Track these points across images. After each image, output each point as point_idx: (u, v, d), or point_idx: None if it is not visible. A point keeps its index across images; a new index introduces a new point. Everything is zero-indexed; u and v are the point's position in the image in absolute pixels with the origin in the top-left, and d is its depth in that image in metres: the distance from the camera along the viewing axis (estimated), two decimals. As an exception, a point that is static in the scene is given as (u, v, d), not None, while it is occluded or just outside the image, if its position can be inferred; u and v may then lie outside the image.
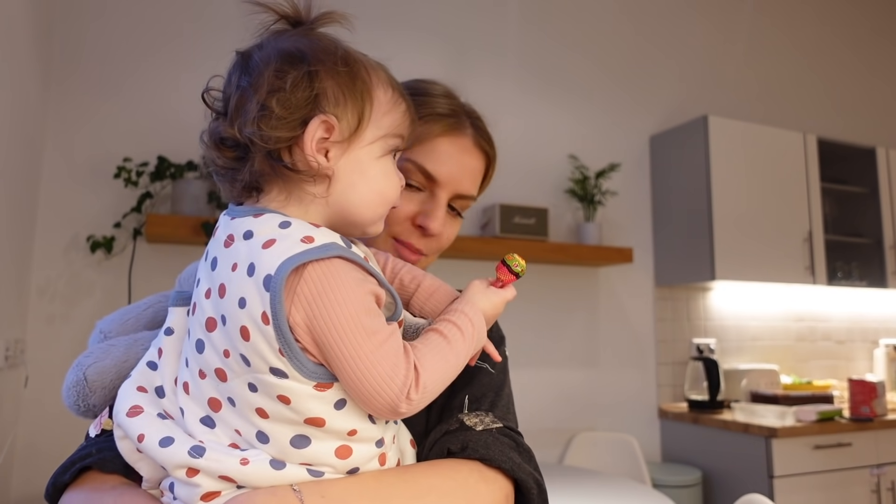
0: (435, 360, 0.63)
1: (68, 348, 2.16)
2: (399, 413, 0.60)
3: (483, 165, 0.93)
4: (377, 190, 0.68)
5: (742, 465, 2.68)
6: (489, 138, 0.94)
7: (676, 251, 3.15)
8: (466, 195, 0.90)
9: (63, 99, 2.24)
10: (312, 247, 0.60)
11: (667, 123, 3.35)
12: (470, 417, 0.76)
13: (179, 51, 2.39)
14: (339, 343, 0.58)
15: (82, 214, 2.21)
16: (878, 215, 3.49)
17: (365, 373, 0.59)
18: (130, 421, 0.64)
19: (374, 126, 0.68)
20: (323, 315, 0.59)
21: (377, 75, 0.70)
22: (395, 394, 0.59)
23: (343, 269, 0.60)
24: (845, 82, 4.08)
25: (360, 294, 0.60)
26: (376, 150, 0.68)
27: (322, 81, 0.65)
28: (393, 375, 0.59)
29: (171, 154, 2.26)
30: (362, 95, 0.67)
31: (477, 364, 0.81)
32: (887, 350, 3.64)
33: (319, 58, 0.66)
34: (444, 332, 0.65)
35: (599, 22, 3.29)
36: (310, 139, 0.63)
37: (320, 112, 0.64)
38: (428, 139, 0.89)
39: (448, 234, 0.91)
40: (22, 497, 2.05)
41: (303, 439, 0.60)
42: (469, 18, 2.98)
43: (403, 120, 0.71)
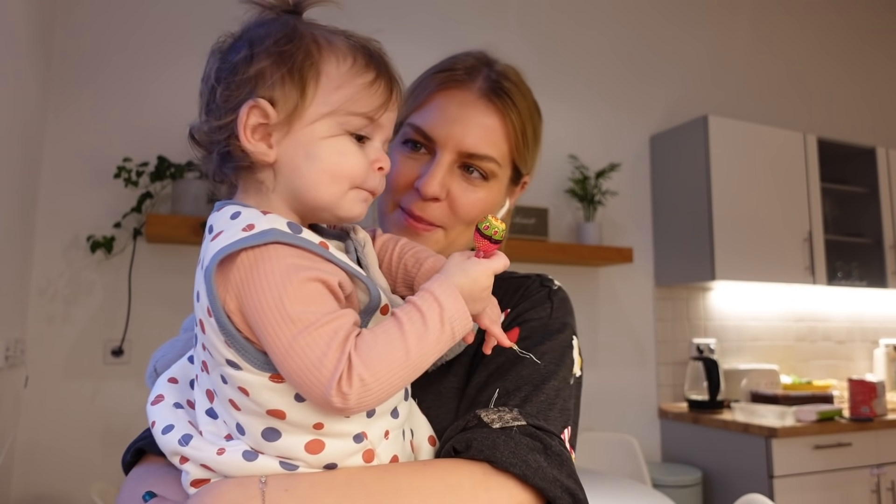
0: (380, 350, 0.56)
1: (68, 348, 2.17)
2: (335, 408, 0.55)
3: (498, 122, 0.83)
4: (325, 169, 0.62)
5: (742, 465, 2.68)
6: (507, 92, 0.84)
7: (676, 251, 3.15)
8: (476, 153, 0.82)
9: (63, 99, 2.24)
10: (248, 234, 0.59)
11: (667, 123, 3.35)
12: (489, 413, 0.68)
13: (180, 51, 2.39)
14: (263, 330, 0.57)
15: (82, 214, 2.21)
16: (878, 215, 3.49)
17: (288, 361, 0.55)
18: (151, 409, 0.68)
19: (321, 104, 0.62)
20: (248, 302, 0.58)
21: (331, 48, 0.64)
22: (322, 386, 0.54)
23: (276, 255, 0.58)
24: (845, 82, 4.08)
25: (288, 279, 0.56)
26: (322, 130, 0.62)
27: (260, 62, 0.62)
28: (319, 366, 0.54)
29: (171, 154, 2.26)
30: (303, 72, 0.62)
31: (519, 353, 0.74)
32: (887, 350, 3.64)
33: (262, 39, 0.64)
34: (400, 317, 0.58)
35: (599, 22, 3.29)
36: (242, 125, 0.62)
37: (254, 96, 0.61)
38: (425, 98, 0.85)
39: (464, 200, 0.82)
40: (22, 497, 2.05)
41: (273, 432, 0.60)
42: (469, 19, 2.98)
43: (363, 93, 0.63)
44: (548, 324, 0.78)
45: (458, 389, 0.76)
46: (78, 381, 2.17)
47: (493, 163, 0.83)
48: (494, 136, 0.83)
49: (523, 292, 0.83)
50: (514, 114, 0.84)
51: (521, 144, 0.86)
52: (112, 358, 2.21)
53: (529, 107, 0.87)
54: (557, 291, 0.84)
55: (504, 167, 0.85)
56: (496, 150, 0.83)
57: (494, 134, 0.83)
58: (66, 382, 2.16)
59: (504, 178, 0.87)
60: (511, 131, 0.84)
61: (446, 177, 0.81)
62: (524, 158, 0.88)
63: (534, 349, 0.75)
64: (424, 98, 0.85)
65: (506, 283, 0.85)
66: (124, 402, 2.21)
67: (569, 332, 0.79)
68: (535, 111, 0.89)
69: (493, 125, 0.83)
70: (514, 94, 0.84)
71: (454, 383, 0.77)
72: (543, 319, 0.79)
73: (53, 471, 2.10)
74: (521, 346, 0.75)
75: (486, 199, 0.84)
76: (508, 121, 0.84)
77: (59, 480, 2.10)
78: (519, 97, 0.85)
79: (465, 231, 0.86)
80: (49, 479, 2.09)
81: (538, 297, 0.82)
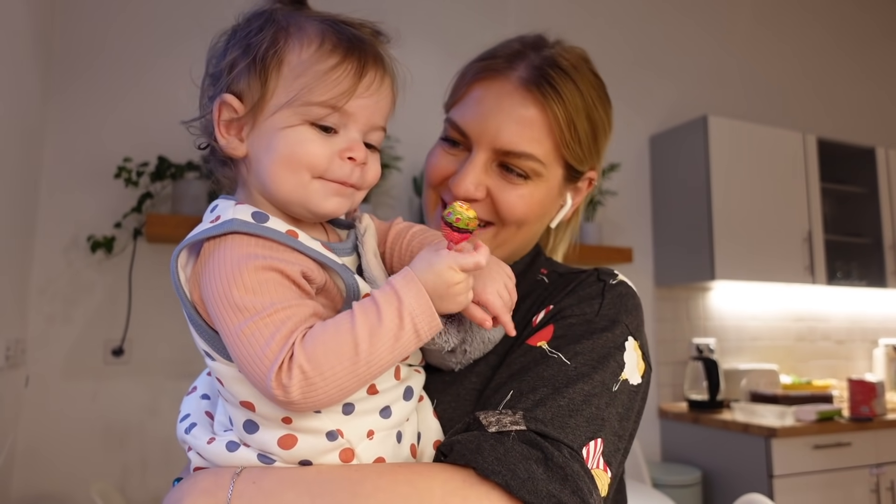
0: (325, 343, 0.53)
1: (68, 348, 2.17)
2: (279, 400, 0.53)
3: (538, 115, 0.73)
4: (279, 160, 0.59)
5: (742, 464, 2.68)
6: (550, 80, 0.73)
7: (676, 251, 3.15)
8: (513, 150, 0.73)
9: (63, 99, 2.24)
10: (211, 225, 0.59)
11: (667, 123, 3.35)
12: (489, 415, 0.62)
13: (180, 50, 2.39)
14: (215, 318, 0.57)
15: (82, 214, 2.21)
16: (878, 215, 3.49)
17: (235, 350, 0.55)
18: (183, 399, 0.72)
19: (283, 93, 0.60)
20: (203, 291, 0.58)
21: (299, 35, 0.61)
22: (263, 376, 0.53)
23: (233, 244, 0.57)
24: (845, 82, 4.08)
25: (238, 268, 0.55)
26: (282, 120, 0.59)
27: (231, 55, 0.62)
28: (261, 355, 0.53)
29: (171, 154, 2.26)
30: (265, 62, 0.60)
31: (547, 352, 0.67)
32: (887, 350, 3.64)
33: (238, 30, 0.63)
34: (354, 310, 0.55)
35: (599, 22, 3.29)
36: (215, 120, 0.62)
37: (224, 90, 0.61)
38: (463, 89, 0.78)
39: (506, 199, 0.74)
40: (22, 497, 2.05)
41: (252, 424, 0.60)
42: (468, 19, 2.98)
43: (322, 80, 0.59)
44: (592, 321, 0.70)
45: (479, 391, 0.71)
46: (78, 381, 2.17)
47: (534, 161, 0.74)
48: (534, 130, 0.73)
49: (575, 287, 0.75)
50: (557, 105, 0.73)
51: (569, 139, 0.75)
52: (112, 358, 2.21)
53: (584, 95, 0.75)
54: (616, 286, 0.75)
55: (550, 165, 0.76)
56: (537, 146, 0.73)
57: (534, 129, 0.73)
58: (66, 382, 2.16)
59: (553, 177, 0.77)
60: (555, 125, 0.74)
61: (482, 175, 0.74)
62: (577, 155, 0.77)
63: (566, 348, 0.66)
64: (463, 90, 0.79)
65: (562, 279, 0.79)
66: (124, 401, 2.21)
67: (620, 331, 0.70)
68: (595, 98, 0.77)
69: (532, 118, 0.73)
70: (560, 82, 0.74)
71: (476, 385, 0.71)
72: (588, 316, 0.70)
73: (53, 471, 2.10)
74: (553, 344, 0.67)
75: (531, 197, 0.75)
76: (550, 113, 0.73)
77: (59, 480, 2.10)
78: (567, 85, 0.74)
79: (518, 233, 0.77)
80: (49, 479, 2.09)
81: (589, 291, 0.74)
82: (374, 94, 0.62)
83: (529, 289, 0.79)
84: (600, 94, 0.79)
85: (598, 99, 0.78)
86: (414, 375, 0.68)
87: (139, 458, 2.21)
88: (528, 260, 0.84)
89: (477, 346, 0.69)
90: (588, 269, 0.80)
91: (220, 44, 0.65)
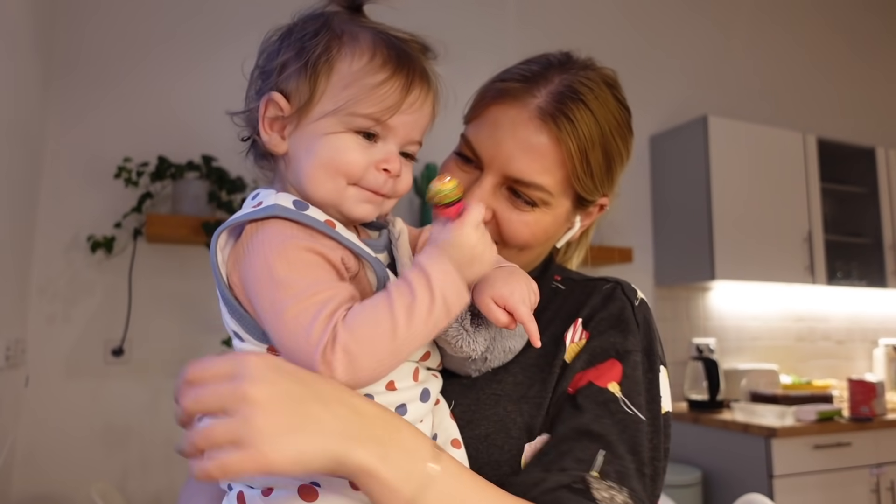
0: (367, 321, 0.55)
1: (68, 348, 2.17)
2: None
3: (552, 147, 0.72)
4: (319, 163, 0.62)
5: (742, 464, 2.68)
6: (567, 112, 0.72)
7: (676, 251, 3.15)
8: (522, 180, 0.73)
9: (63, 99, 2.24)
10: (253, 210, 0.61)
11: (667, 123, 3.35)
12: (601, 488, 0.62)
13: (180, 51, 2.39)
14: (255, 296, 0.58)
15: (82, 214, 2.21)
16: (878, 215, 3.50)
17: (278, 328, 0.56)
18: None
19: (329, 100, 0.62)
20: (243, 269, 0.60)
21: (352, 45, 0.63)
22: (308, 355, 0.54)
23: (275, 227, 0.59)
24: (845, 82, 4.08)
25: (282, 247, 0.57)
26: (326, 126, 0.62)
27: (285, 55, 0.64)
28: (306, 335, 0.54)
29: (171, 154, 2.26)
30: (316, 67, 0.62)
31: (621, 401, 0.68)
32: (887, 350, 3.64)
33: (293, 31, 0.65)
34: (389, 290, 0.57)
35: (599, 22, 3.29)
36: (261, 116, 0.64)
37: (272, 88, 0.64)
38: (482, 108, 0.78)
39: (511, 225, 0.75)
40: (22, 497, 2.05)
41: None
42: (467, 16, 2.98)
43: (371, 94, 0.61)
44: (643, 362, 0.71)
45: (500, 396, 0.72)
46: (78, 381, 2.17)
47: (543, 192, 0.74)
48: (545, 161, 0.73)
49: (604, 304, 0.76)
50: (571, 138, 0.72)
51: (581, 172, 0.74)
52: (112, 358, 2.21)
53: (602, 125, 0.74)
54: (641, 308, 0.76)
55: (559, 196, 0.76)
56: (548, 177, 0.73)
57: (545, 160, 0.73)
58: (66, 382, 2.16)
59: (562, 205, 0.77)
60: (567, 157, 0.73)
61: (489, 198, 0.75)
62: (588, 187, 0.76)
63: (636, 398, 0.68)
64: (481, 109, 0.79)
65: (578, 286, 0.80)
66: (124, 401, 2.21)
67: (658, 363, 0.72)
68: (614, 129, 0.76)
69: (544, 150, 0.73)
70: (577, 114, 0.73)
71: (496, 390, 0.73)
72: (638, 354, 0.72)
73: (53, 471, 2.10)
74: (625, 391, 0.68)
75: (537, 224, 0.76)
76: (563, 146, 0.73)
77: (59, 480, 2.10)
78: (584, 116, 0.73)
79: (520, 255, 0.78)
80: (49, 479, 2.09)
81: (625, 317, 0.74)
82: (417, 110, 0.65)
83: (545, 297, 0.80)
84: (620, 123, 0.78)
85: (617, 129, 0.77)
86: (431, 379, 0.69)
87: (139, 458, 2.21)
88: (541, 267, 0.85)
89: (497, 356, 0.71)
90: (605, 279, 0.81)
91: (275, 40, 0.67)
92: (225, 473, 0.48)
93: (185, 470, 1.95)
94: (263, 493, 0.60)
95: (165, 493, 2.21)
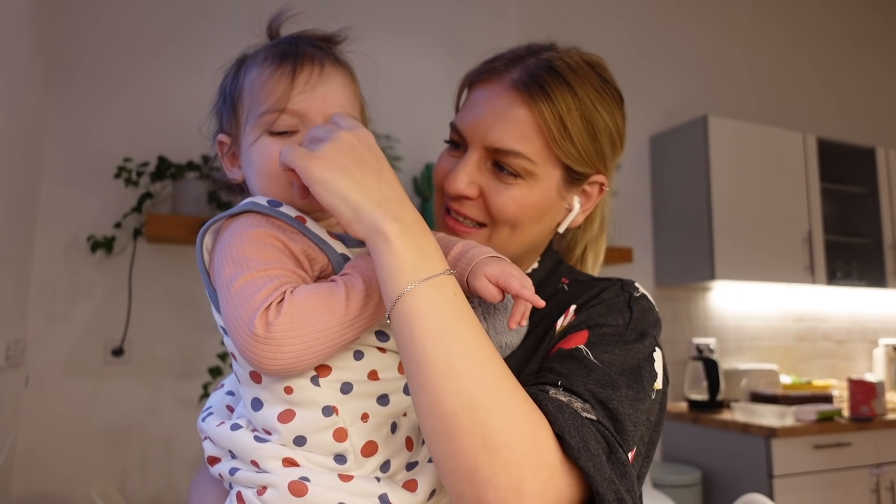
0: (310, 294, 0.57)
1: (68, 348, 2.17)
2: (257, 338, 0.55)
3: (527, 114, 0.73)
4: (256, 174, 0.68)
5: (742, 464, 2.68)
6: (540, 80, 0.73)
7: (676, 251, 3.15)
8: (501, 148, 0.74)
9: (63, 99, 2.24)
10: (232, 209, 0.65)
11: (667, 123, 3.35)
12: (559, 393, 0.62)
13: (180, 51, 2.39)
14: (214, 274, 0.62)
15: (82, 214, 2.21)
16: (878, 215, 3.49)
17: (226, 298, 0.58)
18: (212, 394, 0.76)
19: (251, 115, 0.67)
20: (213, 258, 0.63)
21: (252, 63, 0.69)
22: (248, 314, 0.55)
23: (245, 218, 0.63)
24: (845, 82, 4.08)
25: (247, 232, 0.61)
26: (248, 138, 0.68)
27: (217, 101, 0.73)
28: (250, 298, 0.56)
29: (171, 154, 2.26)
30: (232, 95, 0.70)
31: (585, 352, 0.67)
32: (887, 350, 3.64)
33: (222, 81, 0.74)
34: (334, 278, 0.62)
35: (599, 22, 3.29)
36: (221, 158, 0.72)
37: (218, 131, 0.72)
38: (467, 94, 0.82)
39: (496, 199, 0.75)
40: (22, 497, 2.05)
41: (258, 402, 0.63)
42: (468, 19, 2.98)
43: (263, 89, 0.66)
44: (623, 333, 0.71)
45: None
46: (78, 381, 2.17)
47: (523, 159, 0.74)
48: (523, 129, 0.74)
49: (598, 294, 0.76)
50: (544, 104, 0.73)
51: (559, 136, 0.74)
52: (112, 358, 2.21)
53: (579, 95, 0.74)
54: (640, 299, 0.77)
55: (543, 164, 0.75)
56: (526, 144, 0.74)
57: (522, 127, 0.74)
58: (66, 382, 2.16)
59: (549, 177, 0.76)
60: (542, 123, 0.73)
61: (475, 174, 0.76)
62: (571, 154, 0.75)
63: (602, 355, 0.67)
64: (466, 94, 0.82)
65: (582, 286, 0.81)
66: (124, 401, 2.21)
67: (648, 342, 0.72)
68: (595, 100, 0.76)
69: (520, 118, 0.74)
70: (551, 83, 0.73)
71: None
72: (619, 327, 0.71)
73: (53, 471, 2.10)
74: (590, 347, 0.68)
75: (523, 199, 0.75)
76: (537, 111, 0.73)
77: (59, 480, 2.10)
78: (558, 85, 0.73)
79: (513, 235, 0.77)
80: (49, 479, 2.09)
81: (616, 301, 0.75)
82: (316, 86, 0.66)
83: (550, 297, 0.80)
84: (603, 96, 0.77)
85: (599, 100, 0.76)
86: None
87: (139, 458, 2.21)
88: (550, 268, 0.85)
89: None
90: (607, 277, 0.82)
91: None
92: (288, 161, 0.59)
93: (185, 470, 1.96)
94: (258, 493, 0.62)
95: (165, 493, 2.21)
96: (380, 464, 0.63)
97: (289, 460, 0.61)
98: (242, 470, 0.63)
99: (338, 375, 0.62)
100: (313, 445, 0.61)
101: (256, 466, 0.62)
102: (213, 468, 0.67)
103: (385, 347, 0.65)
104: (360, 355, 0.63)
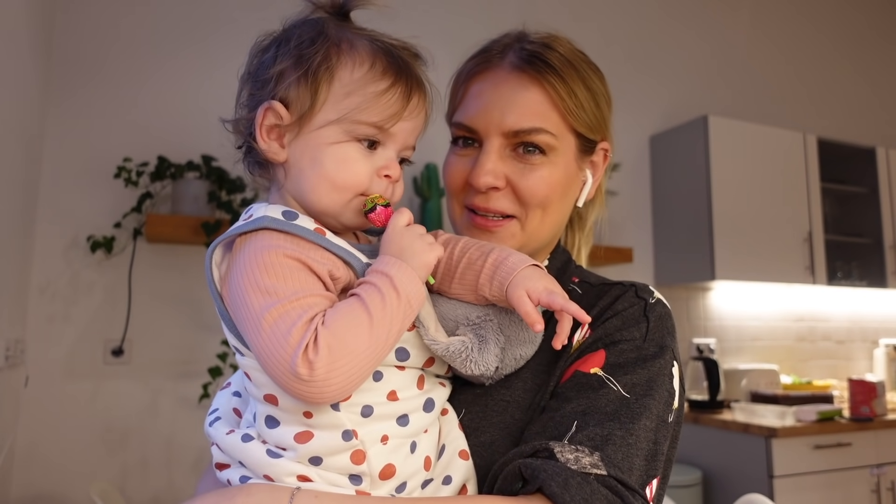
0: (345, 319, 0.55)
1: (68, 348, 2.16)
2: (301, 380, 0.53)
3: (538, 91, 0.74)
4: (325, 176, 0.62)
5: (742, 465, 2.68)
6: (540, 57, 0.75)
7: (676, 251, 3.15)
8: (522, 129, 0.73)
9: (63, 99, 2.24)
10: (243, 223, 0.61)
11: (667, 123, 3.35)
12: (565, 450, 0.60)
13: (180, 51, 2.39)
14: (236, 305, 0.58)
15: (82, 214, 2.21)
16: (878, 215, 3.49)
17: (258, 333, 0.56)
18: (217, 394, 0.74)
19: (331, 109, 0.62)
20: (230, 280, 0.60)
21: (351, 53, 0.63)
22: (289, 356, 0.53)
23: (262, 237, 0.59)
24: (845, 82, 4.08)
25: (266, 256, 0.57)
26: (329, 135, 0.62)
27: (282, 63, 0.63)
28: (286, 336, 0.54)
29: (171, 154, 2.26)
30: (317, 76, 0.62)
31: (604, 378, 0.66)
32: (887, 350, 3.64)
33: (289, 39, 0.64)
34: (358, 292, 0.58)
35: (599, 22, 3.29)
36: (258, 125, 0.63)
37: (271, 97, 0.63)
38: (462, 90, 0.81)
39: (526, 183, 0.75)
40: (22, 497, 2.05)
41: (273, 420, 0.61)
42: (467, 14, 2.98)
43: (374, 102, 0.62)
44: (642, 347, 0.69)
45: (508, 403, 0.71)
46: (78, 381, 2.17)
47: (546, 134, 0.74)
48: (538, 106, 0.74)
49: (612, 303, 0.74)
50: (553, 77, 0.74)
51: (573, 106, 0.75)
52: (112, 358, 2.21)
53: (576, 65, 0.77)
54: (655, 306, 0.74)
55: (562, 137, 0.76)
56: (545, 120, 0.74)
57: (537, 104, 0.74)
58: (66, 382, 2.15)
59: (568, 150, 0.77)
60: (556, 96, 0.75)
61: (498, 164, 0.75)
62: (586, 122, 0.77)
63: (622, 377, 0.66)
64: (461, 91, 0.81)
65: (594, 290, 0.79)
66: (124, 402, 2.21)
67: (668, 357, 0.69)
68: (587, 69, 0.78)
69: (533, 96, 0.74)
70: (550, 57, 0.75)
71: (505, 396, 0.71)
72: (636, 342, 0.69)
73: (53, 471, 2.10)
74: (608, 371, 0.66)
75: (550, 177, 0.75)
76: (548, 85, 0.74)
77: (59, 480, 2.10)
78: (554, 55, 0.76)
79: (545, 217, 0.77)
80: (49, 479, 2.09)
81: (631, 312, 0.73)
82: (416, 117, 0.66)
83: None
84: (589, 65, 0.80)
85: (590, 69, 0.79)
86: (437, 388, 0.69)
87: (139, 458, 2.20)
88: (560, 266, 0.84)
89: (509, 363, 0.70)
90: (622, 282, 0.79)
91: (270, 47, 0.66)
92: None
93: (185, 470, 1.95)
94: None
95: (165, 493, 2.21)
96: (396, 486, 0.62)
97: (303, 477, 0.60)
98: (254, 480, 0.62)
99: (358, 399, 0.61)
100: (329, 466, 0.60)
101: (270, 480, 0.61)
102: (221, 473, 0.66)
103: (404, 365, 0.64)
104: (380, 376, 0.62)
